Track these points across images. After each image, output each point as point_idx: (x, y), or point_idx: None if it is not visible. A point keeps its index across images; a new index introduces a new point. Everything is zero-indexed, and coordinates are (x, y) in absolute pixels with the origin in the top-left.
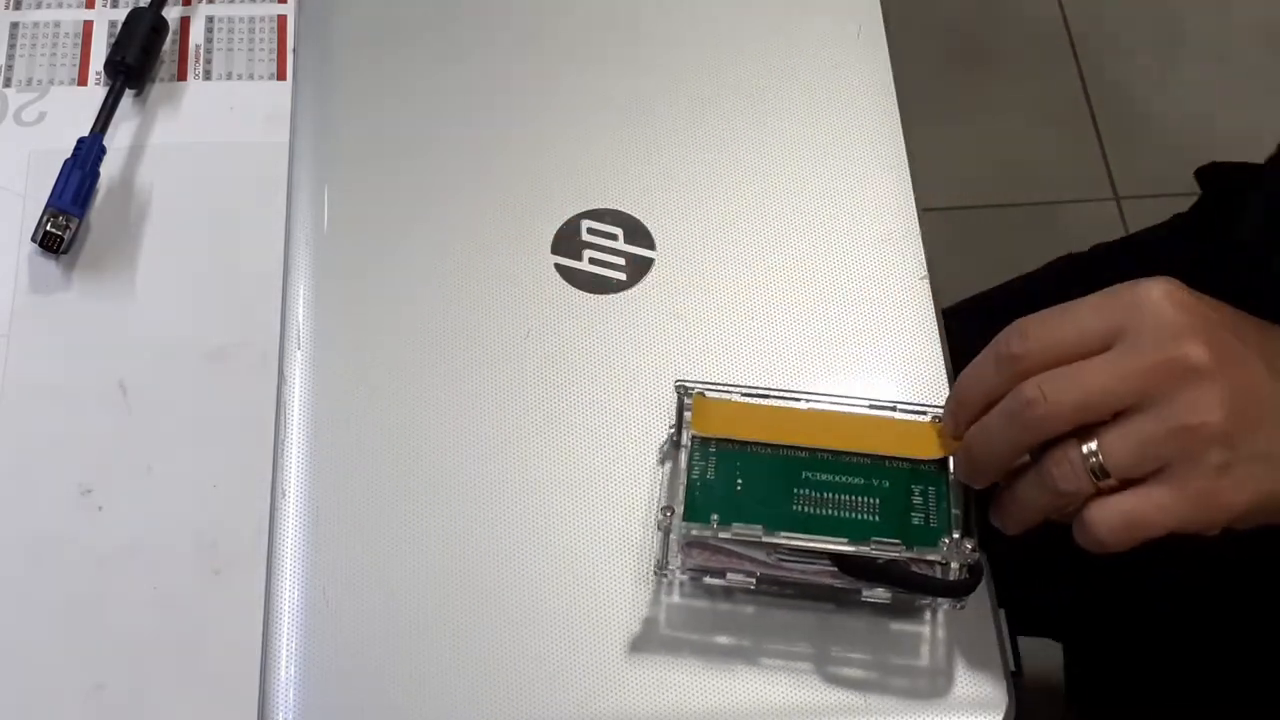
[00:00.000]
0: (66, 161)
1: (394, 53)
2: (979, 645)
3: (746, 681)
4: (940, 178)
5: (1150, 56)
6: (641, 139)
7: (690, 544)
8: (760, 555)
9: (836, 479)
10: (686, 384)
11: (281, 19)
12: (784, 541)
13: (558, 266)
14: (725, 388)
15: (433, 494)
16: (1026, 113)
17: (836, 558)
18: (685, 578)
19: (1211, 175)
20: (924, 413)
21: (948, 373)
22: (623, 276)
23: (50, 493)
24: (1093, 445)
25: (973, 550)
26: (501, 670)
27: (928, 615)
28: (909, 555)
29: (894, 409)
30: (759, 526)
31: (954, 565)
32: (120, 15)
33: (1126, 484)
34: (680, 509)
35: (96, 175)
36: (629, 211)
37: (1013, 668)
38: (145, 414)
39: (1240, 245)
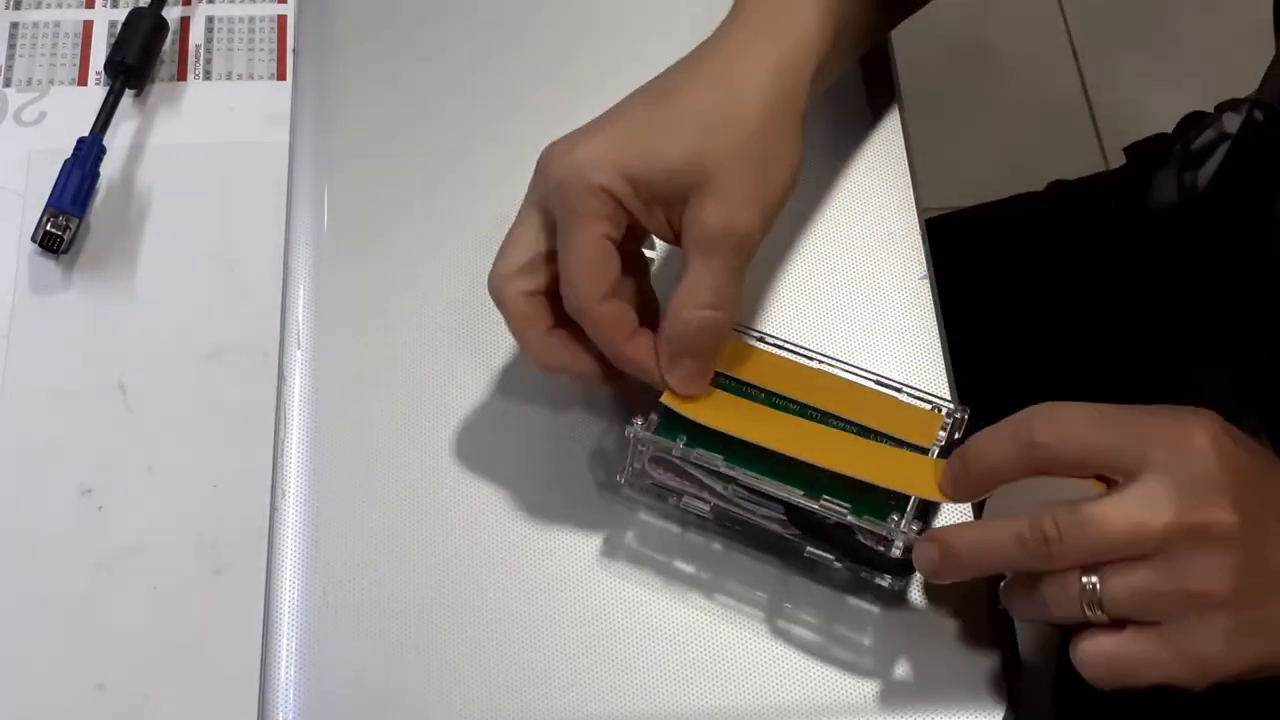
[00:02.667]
0: (66, 161)
1: (394, 53)
2: (979, 645)
3: (749, 684)
4: (940, 177)
5: (1149, 57)
6: None
7: (654, 459)
8: (719, 487)
9: (819, 421)
10: None
11: (281, 19)
12: (741, 477)
13: None
14: (741, 329)
15: (432, 494)
16: (1026, 113)
17: (787, 505)
18: (642, 492)
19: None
20: (929, 402)
21: (948, 373)
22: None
23: (50, 493)
24: (1094, 580)
25: (919, 534)
26: (502, 670)
27: (927, 615)
28: (854, 521)
29: (899, 390)
30: (720, 457)
31: (897, 544)
32: (120, 15)
33: (1120, 621)
34: (653, 420)
35: (96, 175)
36: None
37: (1012, 668)
38: (145, 414)
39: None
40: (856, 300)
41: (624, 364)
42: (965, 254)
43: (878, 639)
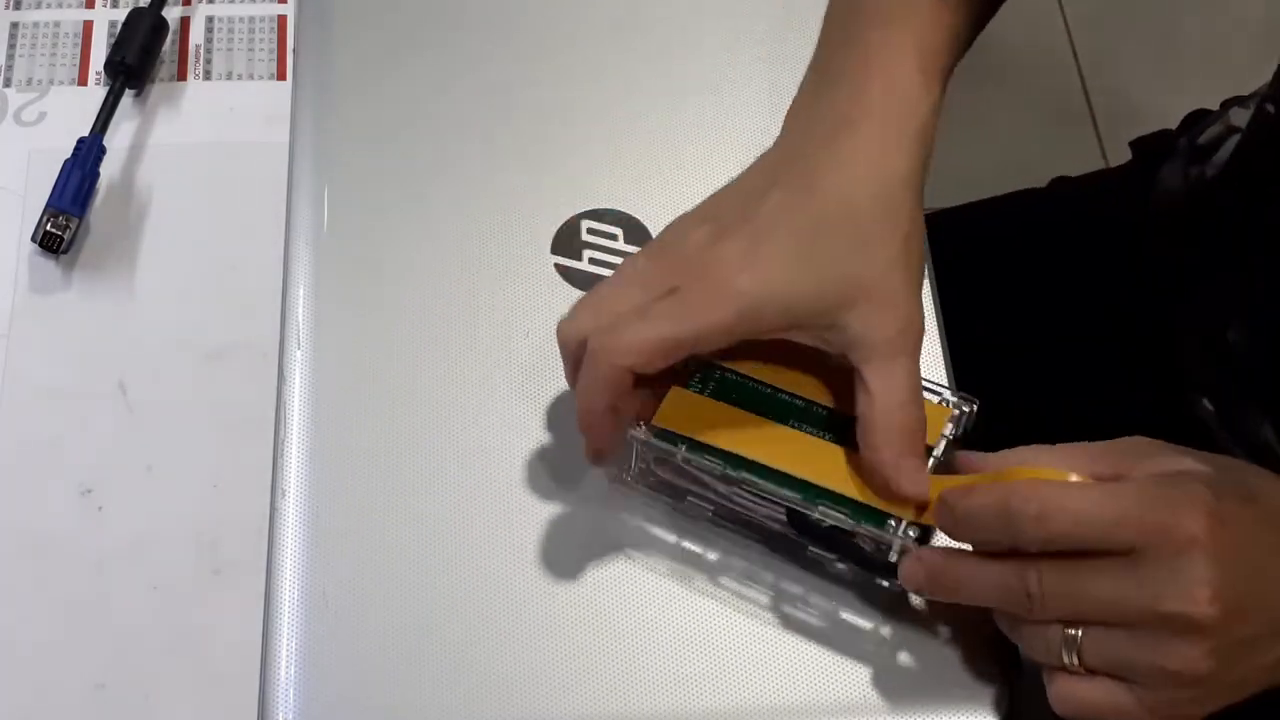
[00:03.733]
0: (66, 161)
1: (394, 53)
2: (979, 645)
3: (749, 684)
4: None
5: (1150, 56)
6: (641, 139)
7: (658, 461)
8: (720, 488)
9: (821, 436)
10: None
11: (281, 19)
12: (743, 478)
13: (557, 266)
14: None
15: (433, 494)
16: (1026, 113)
17: (787, 508)
18: (645, 490)
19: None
20: (937, 394)
21: (948, 373)
22: None
23: (50, 493)
24: (1077, 634)
25: (916, 540)
26: (501, 670)
27: (928, 615)
28: (854, 527)
29: None
30: (719, 463)
31: (896, 548)
32: (120, 15)
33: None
34: (654, 425)
35: (96, 175)
36: (629, 211)
37: (1013, 668)
38: (145, 414)
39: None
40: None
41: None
42: (966, 250)
43: (878, 639)
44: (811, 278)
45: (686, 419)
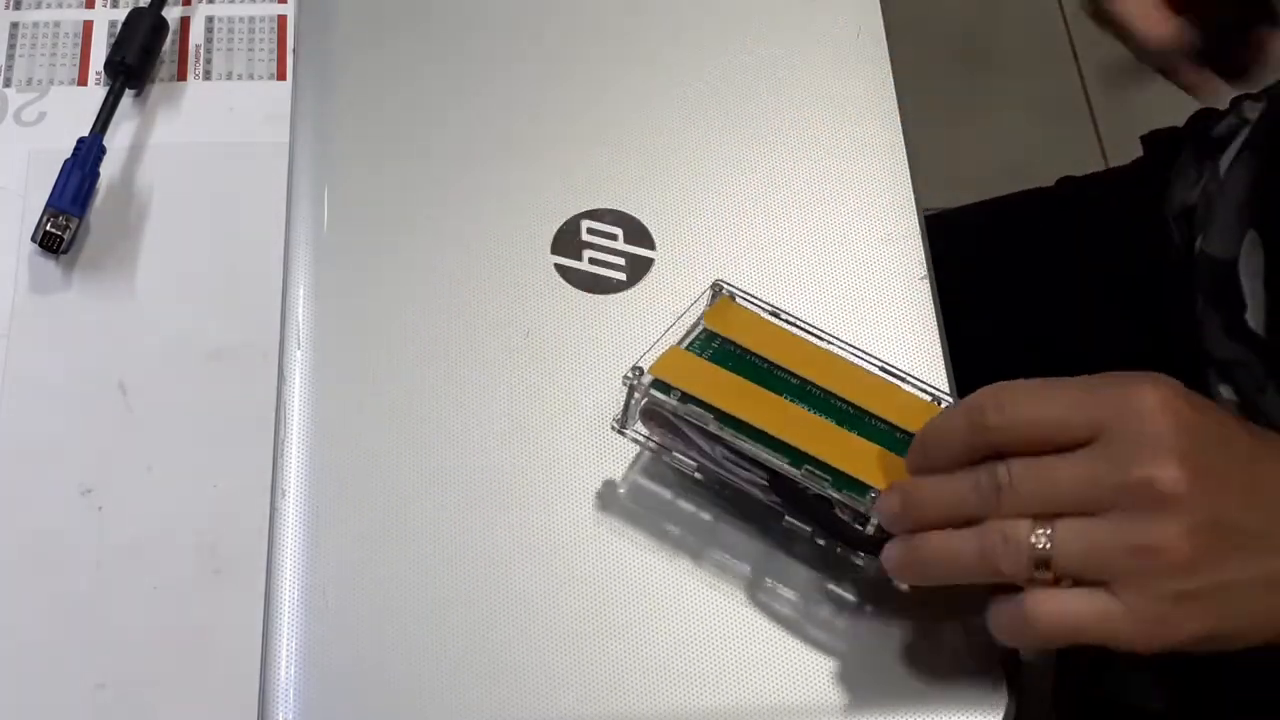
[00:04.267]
0: (66, 161)
1: (394, 53)
2: (979, 645)
3: (748, 684)
4: (939, 177)
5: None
6: (641, 139)
7: (647, 413)
8: (706, 447)
9: (812, 412)
10: (725, 285)
11: (281, 19)
12: (729, 439)
13: (557, 266)
14: (756, 301)
15: (433, 494)
16: (1026, 113)
17: (770, 473)
18: (638, 439)
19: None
20: (929, 394)
21: (948, 373)
22: (623, 276)
23: (50, 493)
24: (1046, 532)
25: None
26: (502, 670)
27: (928, 614)
28: (834, 494)
29: (904, 380)
30: (710, 416)
31: (873, 521)
32: (120, 15)
33: (1059, 582)
34: (649, 375)
35: (96, 175)
36: (629, 211)
37: (1012, 668)
38: (145, 414)
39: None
40: (856, 300)
41: None
42: (971, 250)
43: (878, 638)
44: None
45: (682, 375)
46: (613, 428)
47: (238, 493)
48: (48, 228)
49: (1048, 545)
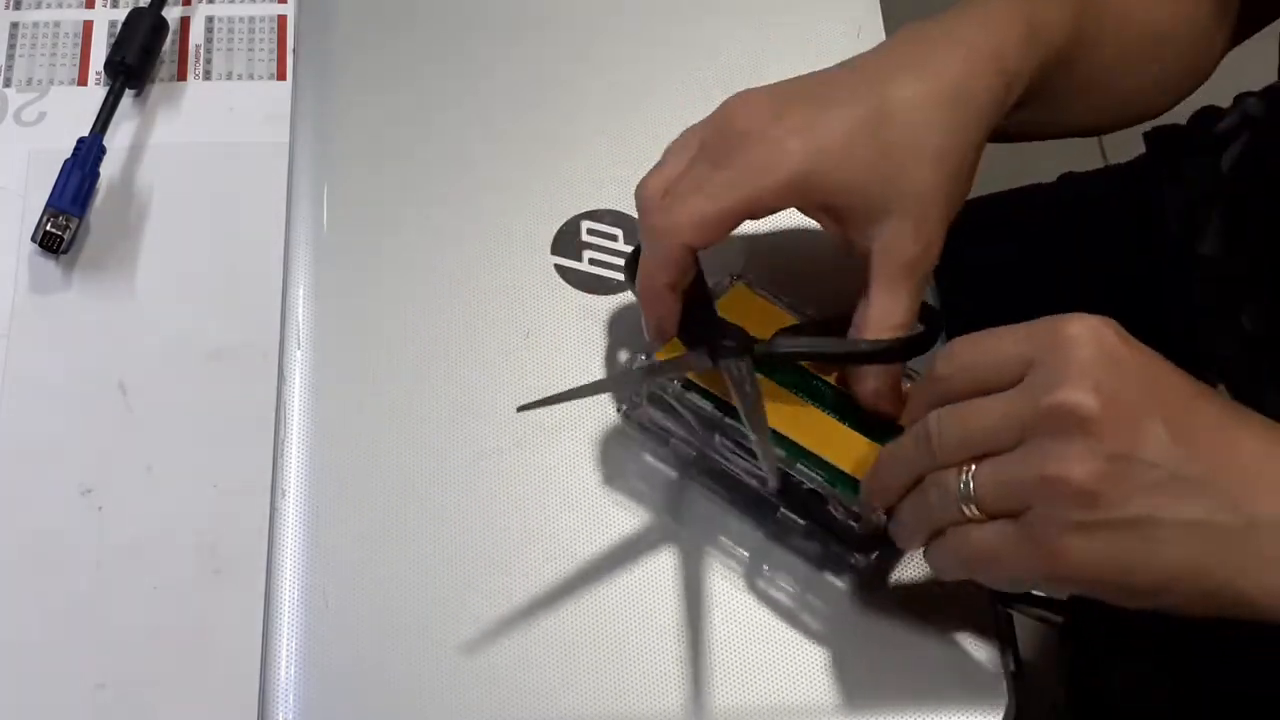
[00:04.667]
0: (66, 161)
1: (394, 53)
2: (979, 645)
3: (748, 684)
4: None
5: None
6: (641, 139)
7: (651, 397)
8: (706, 435)
9: (813, 405)
10: (743, 277)
11: (281, 19)
12: (727, 427)
13: (557, 267)
14: (765, 294)
15: (432, 494)
16: None
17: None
18: (644, 427)
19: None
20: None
21: None
22: (622, 276)
23: (50, 493)
24: (970, 472)
25: (881, 517)
26: (501, 670)
27: (929, 614)
28: (827, 490)
29: (909, 376)
30: (710, 404)
31: (870, 518)
32: (120, 15)
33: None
34: (654, 360)
35: (96, 175)
36: (629, 211)
37: (1013, 668)
38: (145, 414)
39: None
40: (856, 299)
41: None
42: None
43: (878, 639)
44: (861, 167)
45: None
46: (618, 412)
47: (238, 493)
48: (48, 228)
49: (970, 487)
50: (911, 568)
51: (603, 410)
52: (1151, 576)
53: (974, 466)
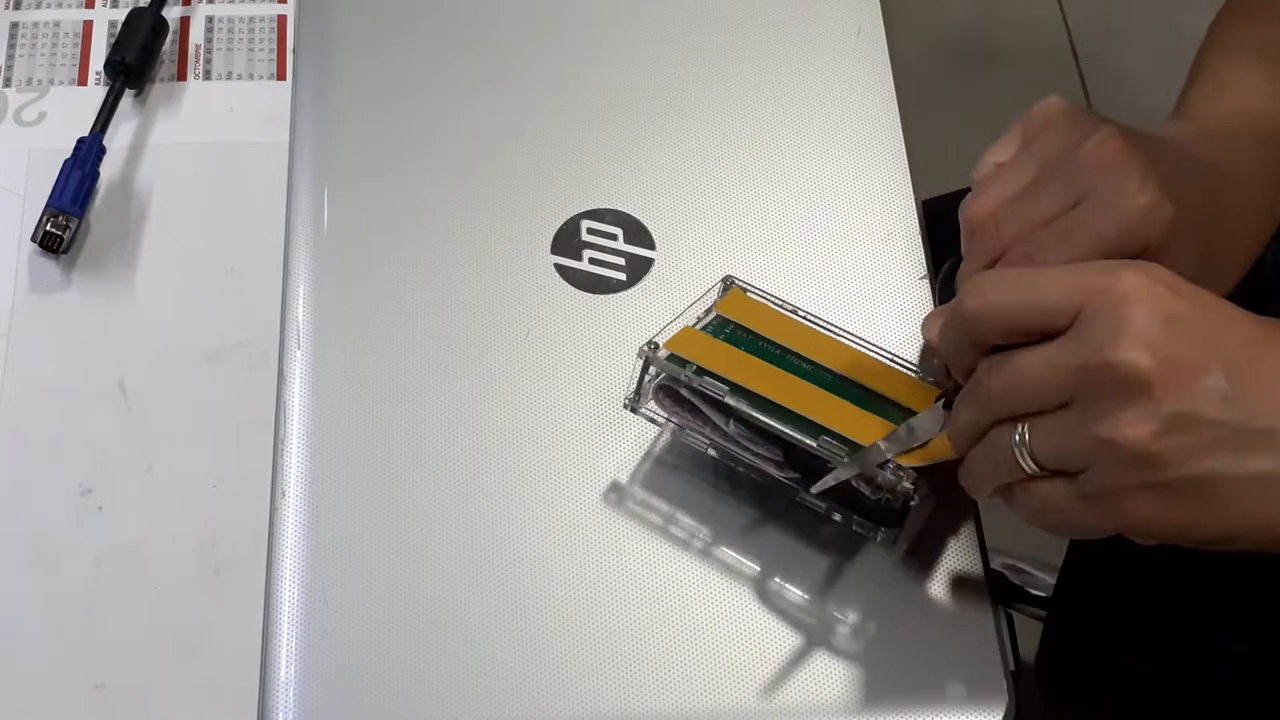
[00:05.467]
0: (66, 161)
1: (394, 53)
2: (979, 645)
3: (748, 684)
4: (939, 175)
5: (1150, 56)
6: (641, 139)
7: (662, 388)
8: (720, 422)
9: (825, 391)
10: (736, 280)
11: (281, 19)
12: (745, 410)
13: (557, 266)
14: (767, 296)
15: (432, 494)
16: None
17: (785, 445)
18: (652, 416)
19: None
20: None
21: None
22: (623, 276)
23: (50, 493)
24: (1024, 428)
25: (912, 484)
26: (502, 670)
27: (929, 613)
28: (849, 465)
29: (912, 373)
30: (725, 388)
31: (886, 494)
32: (120, 15)
33: (1059, 473)
34: (665, 352)
35: (96, 175)
36: (629, 211)
37: (1012, 668)
38: (145, 414)
39: None
40: (856, 300)
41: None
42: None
43: (879, 639)
44: (1172, 210)
45: (697, 351)
46: (625, 405)
47: (238, 493)
48: (48, 228)
49: (1026, 445)
50: (912, 567)
51: (604, 407)
52: (1221, 528)
53: (1028, 424)
